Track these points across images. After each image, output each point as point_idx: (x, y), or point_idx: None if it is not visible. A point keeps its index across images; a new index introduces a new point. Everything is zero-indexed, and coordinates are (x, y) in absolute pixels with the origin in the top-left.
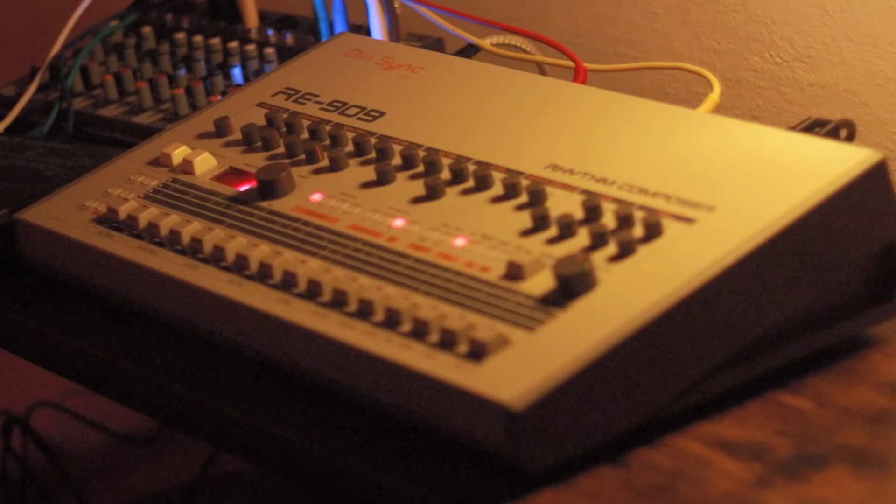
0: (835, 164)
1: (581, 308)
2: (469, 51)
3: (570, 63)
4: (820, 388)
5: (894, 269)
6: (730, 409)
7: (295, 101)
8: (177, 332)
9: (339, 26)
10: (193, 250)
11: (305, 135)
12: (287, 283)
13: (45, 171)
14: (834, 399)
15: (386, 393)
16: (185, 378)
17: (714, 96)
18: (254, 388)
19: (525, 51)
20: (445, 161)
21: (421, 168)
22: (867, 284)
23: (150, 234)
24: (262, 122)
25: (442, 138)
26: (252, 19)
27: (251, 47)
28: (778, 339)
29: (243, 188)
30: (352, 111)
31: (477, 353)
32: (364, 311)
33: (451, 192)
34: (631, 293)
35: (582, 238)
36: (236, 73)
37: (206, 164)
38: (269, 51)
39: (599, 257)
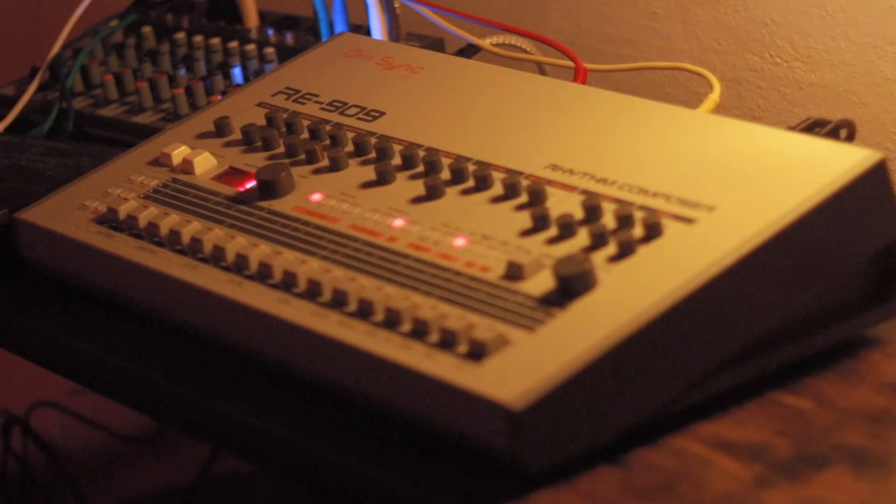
0: (835, 165)
1: (581, 308)
2: (469, 51)
3: (570, 63)
4: (820, 388)
5: (894, 269)
6: (730, 409)
7: (295, 101)
8: (176, 331)
9: (339, 26)
10: (193, 250)
11: (305, 135)
12: (287, 283)
13: (45, 171)
14: (834, 399)
15: (386, 393)
16: (185, 378)
17: (714, 96)
18: (254, 388)
19: (525, 51)
20: (445, 161)
21: (421, 168)
22: (867, 285)
23: (150, 234)
24: (262, 122)
25: (442, 138)
26: (252, 19)
27: (251, 47)
28: (778, 339)
29: (243, 188)
30: (352, 111)
31: (477, 353)
32: (364, 311)
33: (451, 192)
34: (631, 293)
35: (582, 238)
36: (236, 73)
37: (206, 163)
38: (269, 51)
39: (599, 257)
